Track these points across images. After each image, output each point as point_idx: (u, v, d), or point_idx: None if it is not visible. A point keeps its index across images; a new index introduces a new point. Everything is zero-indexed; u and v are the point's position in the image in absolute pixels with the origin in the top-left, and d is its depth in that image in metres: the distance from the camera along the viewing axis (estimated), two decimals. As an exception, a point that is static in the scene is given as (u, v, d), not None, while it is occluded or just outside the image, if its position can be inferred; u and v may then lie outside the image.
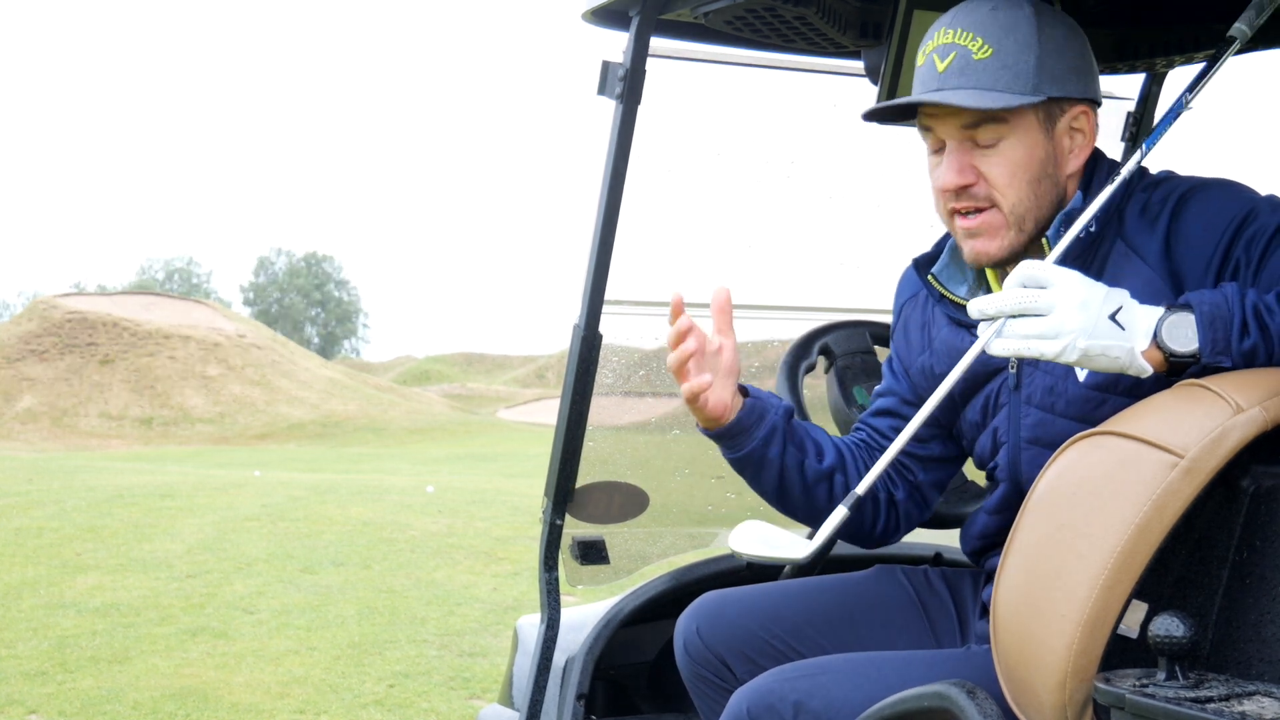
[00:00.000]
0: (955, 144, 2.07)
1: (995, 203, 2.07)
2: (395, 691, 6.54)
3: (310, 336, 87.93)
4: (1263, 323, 1.79)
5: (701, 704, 2.43)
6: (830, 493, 2.28)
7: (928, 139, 2.14)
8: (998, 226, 2.07)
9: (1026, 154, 2.05)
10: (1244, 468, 1.70)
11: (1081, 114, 2.10)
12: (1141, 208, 2.03)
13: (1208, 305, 1.81)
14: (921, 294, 2.32)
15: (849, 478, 2.30)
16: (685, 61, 2.85)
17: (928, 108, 2.08)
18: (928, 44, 2.10)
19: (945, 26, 2.08)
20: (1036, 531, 1.78)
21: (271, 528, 10.57)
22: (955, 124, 2.06)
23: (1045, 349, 1.81)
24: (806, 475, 2.27)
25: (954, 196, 2.09)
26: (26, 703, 6.38)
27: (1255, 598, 1.67)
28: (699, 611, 2.41)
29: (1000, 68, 2.02)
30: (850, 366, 2.99)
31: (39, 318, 37.23)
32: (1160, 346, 1.81)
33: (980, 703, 1.79)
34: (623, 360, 3.05)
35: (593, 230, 2.71)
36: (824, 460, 2.29)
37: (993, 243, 2.08)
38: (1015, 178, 2.05)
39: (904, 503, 2.36)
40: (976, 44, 2.04)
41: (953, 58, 2.05)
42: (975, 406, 2.22)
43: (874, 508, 2.33)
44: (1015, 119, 2.04)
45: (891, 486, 2.35)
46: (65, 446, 29.55)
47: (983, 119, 2.04)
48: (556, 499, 2.83)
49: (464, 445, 27.69)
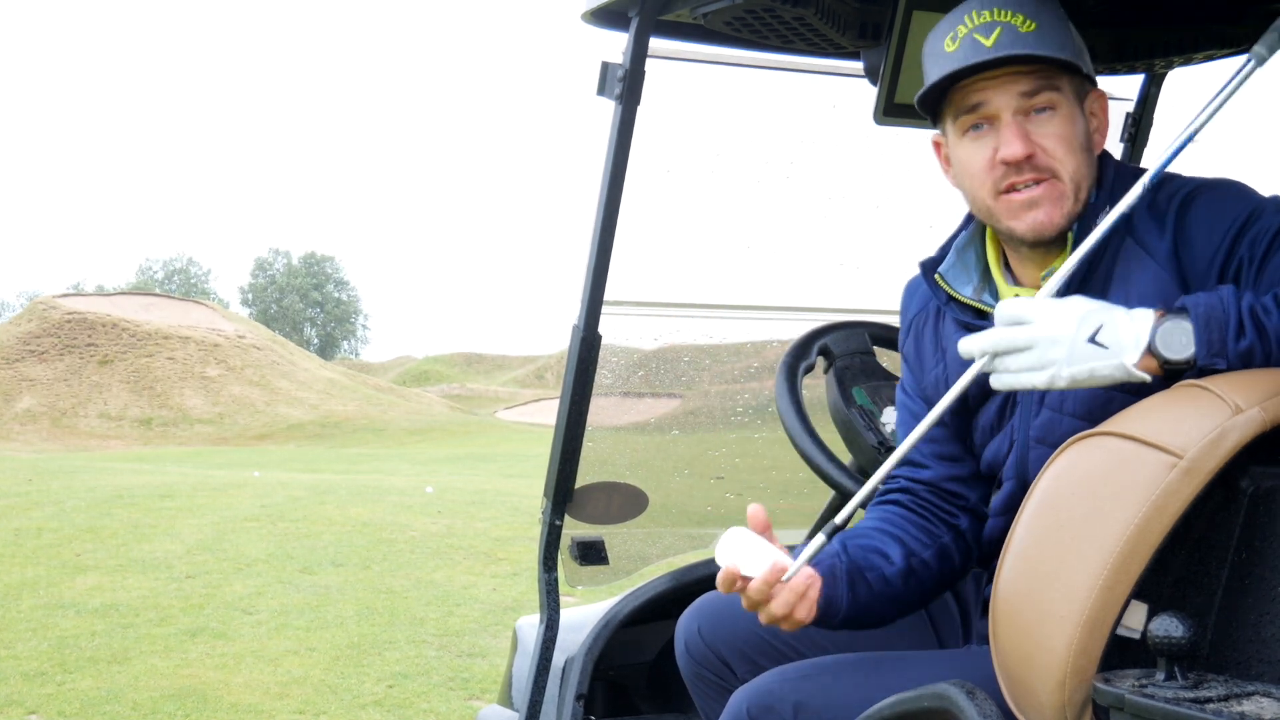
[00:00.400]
0: (1011, 115, 2.05)
1: (1055, 172, 2.05)
2: (394, 692, 6.54)
3: (310, 337, 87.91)
4: (1259, 323, 1.79)
5: (702, 703, 2.43)
6: (918, 578, 2.22)
7: (963, 121, 2.09)
8: (1059, 195, 2.06)
9: (1074, 125, 2.07)
10: (1243, 468, 1.70)
11: (1099, 99, 2.13)
12: (1149, 205, 2.04)
13: (1203, 308, 1.82)
14: (931, 306, 2.29)
15: (920, 555, 2.23)
16: (685, 62, 2.85)
17: (976, 83, 2.05)
18: (957, 29, 2.06)
19: (976, 9, 2.06)
20: (1036, 531, 1.78)
21: (271, 528, 10.57)
22: (1014, 91, 2.04)
23: (1035, 380, 1.85)
24: (893, 584, 2.19)
25: (1011, 172, 2.06)
26: (26, 703, 6.38)
27: (1254, 598, 1.67)
28: (700, 611, 2.41)
29: (1049, 38, 2.03)
30: (849, 367, 2.99)
31: (38, 318, 37.23)
32: (1155, 354, 1.82)
33: (980, 703, 1.79)
34: (622, 361, 3.05)
35: (592, 230, 2.71)
36: (894, 558, 2.21)
37: (1056, 210, 2.06)
38: (1072, 146, 2.06)
39: (969, 530, 2.28)
40: (1018, 19, 2.03)
41: (999, 33, 2.03)
42: (990, 410, 2.20)
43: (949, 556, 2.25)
44: (1066, 88, 2.06)
45: (953, 519, 2.27)
46: (65, 447, 29.56)
47: (1042, 85, 2.04)
48: (556, 499, 2.83)
49: (463, 446, 27.69)
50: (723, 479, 3.60)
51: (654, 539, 3.15)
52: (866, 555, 2.18)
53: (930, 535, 2.24)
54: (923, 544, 2.23)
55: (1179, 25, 2.77)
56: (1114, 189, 2.08)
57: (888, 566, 2.19)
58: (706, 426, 3.66)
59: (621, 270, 2.74)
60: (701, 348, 3.45)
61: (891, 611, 2.22)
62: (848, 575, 2.12)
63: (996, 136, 2.06)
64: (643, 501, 2.99)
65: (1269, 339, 1.79)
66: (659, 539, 3.17)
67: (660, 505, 3.05)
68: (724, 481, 3.60)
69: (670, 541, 3.21)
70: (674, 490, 3.26)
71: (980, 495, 2.29)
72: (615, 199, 2.68)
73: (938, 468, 2.26)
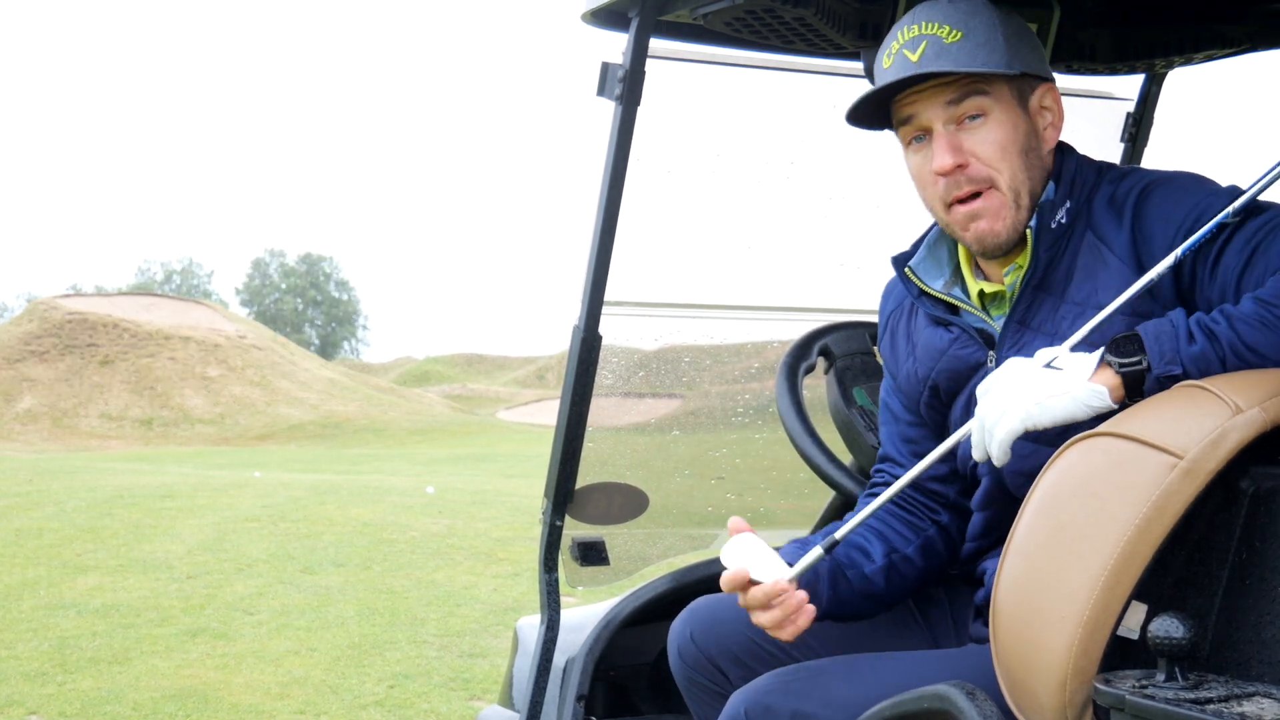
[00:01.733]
0: (941, 126, 2.08)
1: (993, 182, 2.07)
2: (395, 692, 6.54)
3: (310, 338, 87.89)
4: (1209, 330, 1.82)
5: (696, 708, 2.42)
6: (900, 573, 2.28)
7: (905, 133, 2.14)
8: (999, 205, 2.08)
9: (1011, 128, 2.07)
10: (1243, 469, 1.70)
11: (1048, 92, 2.13)
12: (1109, 199, 2.07)
13: (1151, 325, 1.85)
14: (906, 303, 2.33)
15: (901, 550, 2.28)
16: (685, 63, 2.85)
17: (908, 96, 2.09)
18: (891, 45, 2.11)
19: (906, 25, 2.10)
20: (1036, 532, 1.78)
21: (272, 528, 10.57)
22: (939, 103, 2.07)
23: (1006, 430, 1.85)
24: (876, 581, 2.25)
25: (949, 183, 2.08)
26: (27, 703, 6.38)
27: (1255, 599, 1.67)
28: (692, 616, 2.40)
29: (974, 46, 2.05)
30: (850, 367, 2.99)
31: (39, 319, 37.23)
32: (1108, 363, 1.84)
33: (979, 704, 1.78)
34: (622, 361, 3.05)
35: (592, 231, 2.71)
36: (875, 556, 2.26)
37: (998, 222, 2.08)
38: (1006, 151, 2.07)
39: (950, 524, 2.33)
40: (944, 30, 2.06)
41: (924, 46, 2.06)
42: (959, 405, 2.23)
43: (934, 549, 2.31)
44: (996, 93, 2.07)
45: (935, 515, 2.32)
46: (65, 447, 29.56)
47: (967, 92, 2.06)
48: (556, 500, 2.83)
49: (464, 446, 27.68)
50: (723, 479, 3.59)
51: (654, 539, 3.15)
52: (848, 552, 2.24)
53: (914, 530, 2.30)
54: (906, 539, 2.29)
55: (1179, 25, 2.77)
56: (1075, 180, 2.09)
57: (868, 564, 2.25)
58: (707, 427, 3.66)
59: (622, 271, 2.74)
60: (702, 348, 3.45)
61: (872, 607, 2.28)
62: (829, 573, 2.18)
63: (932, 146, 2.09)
64: (643, 502, 2.99)
65: (1220, 344, 1.80)
66: (659, 539, 3.17)
67: (661, 506, 3.05)
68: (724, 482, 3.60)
69: (671, 542, 3.21)
70: (674, 491, 3.25)
71: (961, 490, 2.33)
72: (615, 199, 2.68)
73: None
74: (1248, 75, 2.83)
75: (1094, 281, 2.02)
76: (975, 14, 2.08)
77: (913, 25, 2.09)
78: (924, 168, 2.12)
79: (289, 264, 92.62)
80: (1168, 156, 2.11)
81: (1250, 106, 18.32)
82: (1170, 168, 2.12)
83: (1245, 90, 12.18)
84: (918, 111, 2.10)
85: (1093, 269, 2.02)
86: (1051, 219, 2.07)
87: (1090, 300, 2.01)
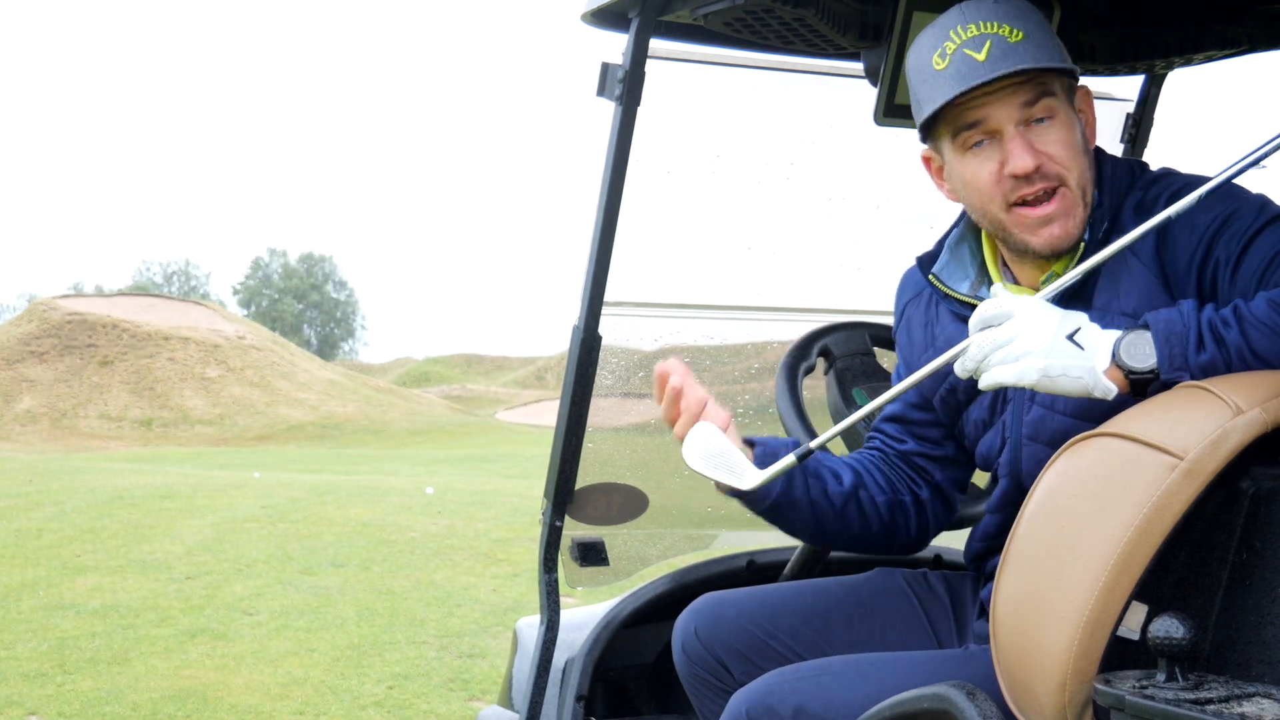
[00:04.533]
0: (1014, 128, 2.04)
1: (1064, 180, 2.04)
2: (395, 693, 6.54)
3: (308, 338, 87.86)
4: (1218, 335, 1.81)
5: (700, 706, 2.43)
6: (860, 510, 2.30)
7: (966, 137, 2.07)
8: (1071, 205, 2.05)
9: (1072, 128, 2.07)
10: (1244, 470, 1.70)
11: (1084, 95, 2.13)
12: (1137, 205, 2.05)
13: (1163, 323, 1.84)
14: (925, 293, 2.32)
15: (870, 491, 2.32)
16: (685, 63, 2.84)
17: (976, 98, 2.03)
18: (944, 45, 2.04)
19: (960, 24, 2.04)
20: (1037, 533, 1.78)
21: (271, 529, 10.57)
22: (1014, 104, 2.03)
23: (1004, 375, 1.86)
24: (834, 501, 2.28)
25: (1020, 185, 2.04)
26: (26, 704, 6.38)
27: (1255, 599, 1.67)
28: (697, 613, 2.41)
29: (1037, 46, 2.03)
30: (850, 368, 2.99)
31: (38, 319, 37.23)
32: (1119, 365, 1.84)
33: (980, 704, 1.79)
34: (622, 362, 3.04)
35: (592, 231, 2.71)
36: (844, 481, 2.30)
37: (1070, 222, 2.06)
38: (1075, 151, 2.06)
39: (930, 502, 2.37)
40: (1006, 29, 2.02)
41: (989, 46, 2.02)
42: (983, 403, 2.21)
43: (904, 513, 2.35)
44: (1060, 93, 2.06)
45: (916, 487, 2.36)
46: (65, 448, 29.55)
47: (1040, 93, 2.03)
48: (556, 500, 2.83)
49: (463, 446, 27.69)
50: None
51: (654, 540, 3.14)
52: (816, 465, 2.29)
53: (890, 486, 2.34)
54: (879, 488, 2.33)
55: (1179, 25, 2.77)
56: (1111, 183, 2.09)
57: (833, 484, 2.29)
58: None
59: (622, 271, 2.73)
60: (702, 349, 3.44)
61: (826, 527, 2.30)
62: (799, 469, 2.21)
63: (1001, 150, 2.05)
64: (643, 502, 2.98)
65: (1229, 350, 1.80)
66: (659, 540, 3.17)
67: (660, 506, 3.05)
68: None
69: (670, 542, 3.21)
70: (674, 491, 3.25)
71: (948, 477, 2.37)
72: (615, 200, 2.68)
73: (913, 444, 2.35)
74: (1248, 75, 2.82)
75: (1116, 287, 2.01)
76: (1028, 14, 2.05)
77: (969, 23, 2.04)
78: (983, 171, 2.07)
79: (288, 264, 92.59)
80: (1168, 157, 2.11)
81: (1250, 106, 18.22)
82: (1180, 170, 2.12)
83: (1245, 90, 12.08)
84: (988, 115, 2.04)
85: (1116, 274, 2.01)
86: (1099, 229, 2.05)
87: (1111, 306, 2.00)
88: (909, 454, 2.35)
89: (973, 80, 2.01)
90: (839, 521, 2.29)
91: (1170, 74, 3.11)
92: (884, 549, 2.39)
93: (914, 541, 2.38)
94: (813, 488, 2.26)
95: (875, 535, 2.33)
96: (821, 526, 2.30)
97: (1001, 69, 2.00)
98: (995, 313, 1.90)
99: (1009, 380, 1.87)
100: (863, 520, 2.30)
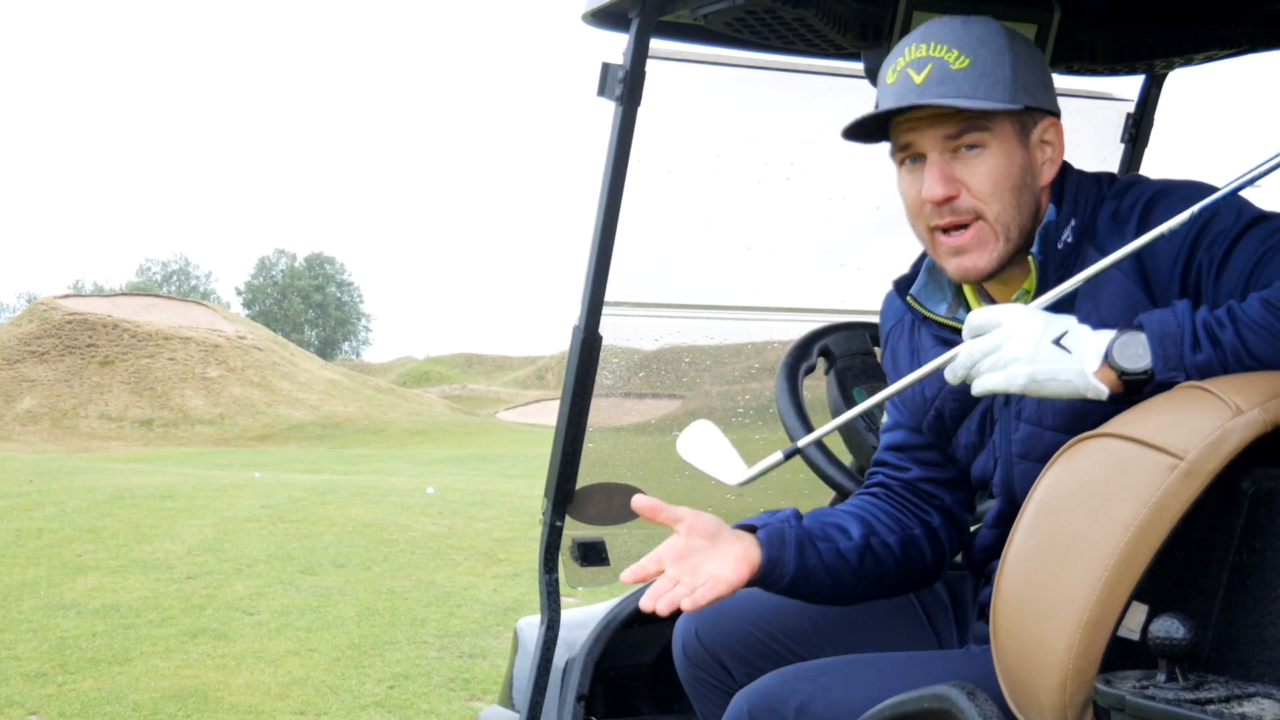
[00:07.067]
0: (936, 155, 2.04)
1: (980, 214, 2.03)
2: (395, 693, 6.55)
3: (310, 338, 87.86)
4: (1214, 336, 1.80)
5: (700, 706, 2.43)
6: (876, 558, 2.25)
7: (901, 156, 2.10)
8: (985, 239, 2.04)
9: (1007, 163, 2.03)
10: (1244, 470, 1.70)
11: (1051, 126, 2.09)
12: (1112, 214, 2.03)
13: (1157, 324, 1.83)
14: (906, 319, 2.30)
15: (881, 535, 2.26)
16: (685, 63, 2.84)
17: (907, 120, 2.05)
18: (898, 60, 2.06)
19: (916, 42, 2.05)
20: (1036, 533, 1.78)
21: (272, 529, 10.58)
22: (939, 133, 2.03)
23: (993, 382, 1.86)
24: (849, 559, 2.23)
25: (936, 211, 2.05)
26: (27, 704, 6.38)
27: (1255, 599, 1.67)
28: (697, 614, 2.40)
29: (979, 76, 2.01)
30: (850, 368, 2.99)
31: (39, 319, 37.25)
32: (1113, 366, 1.82)
33: (980, 704, 1.79)
34: (623, 362, 3.04)
35: (593, 231, 2.71)
36: (853, 535, 2.25)
37: (982, 257, 2.05)
38: (998, 187, 2.03)
39: (942, 528, 2.32)
40: (953, 55, 2.01)
41: (930, 69, 2.01)
42: (970, 427, 2.21)
43: (917, 546, 2.29)
44: (996, 127, 2.03)
45: (926, 515, 2.31)
46: (65, 448, 29.56)
47: (966, 127, 2.02)
48: (556, 500, 2.83)
49: (464, 446, 27.70)
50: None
51: (654, 540, 3.14)
52: (823, 527, 2.23)
53: (899, 523, 2.29)
54: (889, 529, 2.28)
55: (1179, 25, 2.77)
56: (1076, 198, 2.07)
57: (844, 540, 2.23)
58: (707, 427, 3.65)
59: (622, 271, 2.73)
60: (702, 348, 3.44)
61: (847, 586, 2.24)
62: (796, 541, 2.17)
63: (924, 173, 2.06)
64: (643, 503, 2.98)
65: (1224, 350, 1.79)
66: (659, 540, 3.15)
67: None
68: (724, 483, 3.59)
69: (671, 542, 3.21)
70: (675, 491, 3.24)
71: (956, 499, 2.33)
72: (616, 200, 2.68)
73: (916, 470, 2.31)
74: (1248, 75, 2.83)
75: (1095, 299, 1.99)
76: (986, 41, 2.03)
77: (920, 44, 2.04)
78: (910, 190, 2.09)
79: (293, 265, 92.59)
80: (1168, 157, 2.10)
81: (1250, 106, 17.97)
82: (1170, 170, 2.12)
83: (1245, 90, 12.01)
84: (915, 139, 2.05)
85: (1095, 286, 1.99)
86: (1057, 240, 2.04)
87: (1092, 317, 1.98)
88: (915, 481, 2.31)
89: (902, 102, 2.02)
90: (856, 577, 2.24)
91: (1170, 74, 3.11)
92: (904, 588, 2.34)
93: (931, 570, 2.33)
94: (825, 552, 2.20)
95: (893, 578, 2.28)
96: (841, 589, 2.24)
97: (927, 98, 2.00)
98: (983, 321, 1.90)
99: (998, 386, 1.86)
100: (879, 568, 2.25)
